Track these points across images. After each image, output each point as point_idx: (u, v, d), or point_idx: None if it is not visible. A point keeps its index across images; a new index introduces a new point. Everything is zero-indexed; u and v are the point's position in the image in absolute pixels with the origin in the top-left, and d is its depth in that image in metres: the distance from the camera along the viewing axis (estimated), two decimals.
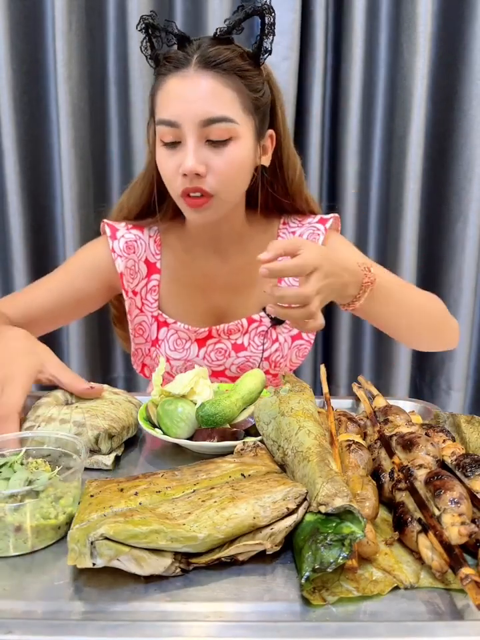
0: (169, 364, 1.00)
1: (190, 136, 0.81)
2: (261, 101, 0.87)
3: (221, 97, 0.81)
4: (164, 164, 0.86)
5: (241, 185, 0.89)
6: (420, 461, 0.56)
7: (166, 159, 0.85)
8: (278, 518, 0.48)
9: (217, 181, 0.83)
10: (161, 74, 0.85)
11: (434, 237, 1.55)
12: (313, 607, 0.43)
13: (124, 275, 0.97)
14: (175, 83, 0.82)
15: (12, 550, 0.50)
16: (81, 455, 0.57)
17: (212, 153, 0.82)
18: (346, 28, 1.40)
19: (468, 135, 1.45)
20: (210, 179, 0.83)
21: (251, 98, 0.84)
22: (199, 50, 0.82)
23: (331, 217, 1.01)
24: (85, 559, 0.44)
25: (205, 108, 0.80)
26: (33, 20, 1.39)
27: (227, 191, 0.86)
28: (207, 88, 0.81)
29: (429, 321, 0.93)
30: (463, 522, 0.46)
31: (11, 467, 0.54)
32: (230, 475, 0.56)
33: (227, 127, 0.81)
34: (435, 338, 0.98)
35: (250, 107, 0.84)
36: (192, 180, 0.82)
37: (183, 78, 0.82)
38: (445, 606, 0.44)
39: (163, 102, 0.84)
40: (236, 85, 0.82)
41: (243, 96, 0.83)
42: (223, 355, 0.99)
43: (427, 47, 1.37)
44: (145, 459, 0.72)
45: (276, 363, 1.02)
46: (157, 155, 0.87)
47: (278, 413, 0.64)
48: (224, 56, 0.81)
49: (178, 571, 0.47)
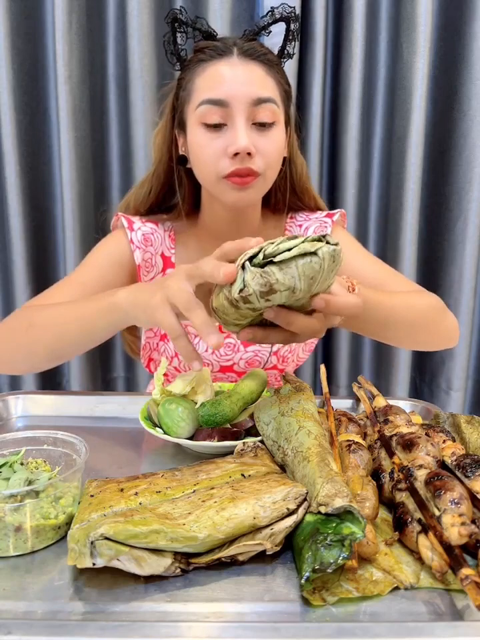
0: (177, 359, 1.00)
1: (240, 115, 0.83)
2: (290, 94, 0.92)
3: (267, 82, 0.85)
4: (206, 147, 0.85)
5: (278, 169, 0.91)
6: (420, 461, 0.56)
7: (209, 141, 0.85)
8: (278, 518, 0.48)
9: (264, 161, 0.85)
10: (201, 60, 0.86)
11: (434, 237, 1.55)
12: (312, 607, 0.43)
13: (141, 267, 0.96)
14: (221, 66, 0.85)
15: (12, 550, 0.50)
16: (81, 455, 0.57)
17: (258, 135, 0.84)
18: (346, 28, 1.40)
19: (468, 135, 1.45)
20: (258, 159, 0.84)
21: (284, 89, 0.90)
22: (235, 44, 0.86)
23: (338, 212, 1.03)
24: (85, 558, 0.44)
25: (254, 89, 0.83)
26: (33, 20, 1.39)
27: (272, 171, 0.88)
28: (254, 72, 0.85)
29: (422, 324, 0.92)
30: (463, 522, 0.46)
31: (11, 467, 0.54)
32: (230, 475, 0.56)
33: (272, 108, 0.85)
34: (430, 338, 0.97)
35: (284, 97, 0.89)
36: (242, 160, 0.83)
37: (228, 63, 0.85)
38: (445, 606, 0.44)
39: (209, 83, 0.85)
40: (274, 74, 0.87)
41: (280, 86, 0.88)
42: (231, 349, 0.99)
43: (426, 47, 1.37)
44: (144, 458, 0.72)
45: (284, 357, 1.02)
46: (196, 138, 0.86)
47: (278, 413, 0.64)
48: (261, 50, 0.86)
49: (178, 571, 0.47)
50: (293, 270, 0.53)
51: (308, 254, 0.53)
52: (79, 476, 0.56)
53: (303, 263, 0.53)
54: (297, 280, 0.54)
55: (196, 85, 0.86)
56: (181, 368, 1.00)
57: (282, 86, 0.89)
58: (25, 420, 0.83)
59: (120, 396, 0.91)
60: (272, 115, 0.85)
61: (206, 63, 0.85)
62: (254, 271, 0.53)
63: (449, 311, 0.97)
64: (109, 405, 0.86)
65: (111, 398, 0.88)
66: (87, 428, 0.79)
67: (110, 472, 0.66)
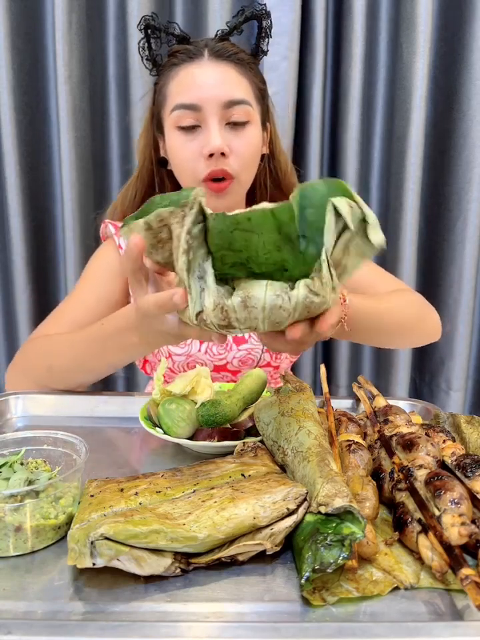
0: (171, 360, 1.00)
1: (212, 118, 0.83)
2: (265, 92, 0.92)
3: (239, 82, 0.86)
4: (181, 149, 0.86)
5: (254, 169, 0.92)
6: (420, 461, 0.56)
7: (184, 144, 0.86)
8: (278, 518, 0.48)
9: (238, 163, 0.86)
10: (173, 64, 0.87)
11: (434, 237, 1.54)
12: (312, 607, 0.43)
13: None
14: (191, 69, 0.85)
15: (12, 550, 0.50)
16: (81, 455, 0.57)
17: (232, 135, 0.85)
18: (346, 28, 1.40)
19: (467, 135, 1.44)
20: (232, 160, 0.85)
21: (258, 87, 0.90)
22: (206, 46, 0.87)
23: None
24: (85, 558, 0.44)
25: (226, 91, 0.84)
26: (33, 20, 1.39)
27: (246, 173, 0.89)
28: (225, 74, 0.85)
29: (410, 324, 0.92)
30: (463, 522, 0.46)
31: (11, 467, 0.54)
32: (230, 475, 0.56)
33: (245, 109, 0.85)
34: (418, 336, 0.97)
35: (258, 96, 0.89)
36: (217, 161, 0.83)
37: (199, 66, 0.85)
38: (445, 606, 0.44)
39: (180, 88, 0.85)
40: (247, 73, 0.87)
41: (253, 85, 0.88)
42: (224, 348, 0.99)
43: (426, 47, 1.37)
44: (145, 458, 0.72)
45: (277, 355, 1.02)
46: (172, 142, 0.87)
47: (278, 413, 0.64)
48: (232, 49, 0.87)
49: (178, 571, 0.47)
50: (257, 311, 0.47)
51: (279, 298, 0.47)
52: (79, 476, 0.56)
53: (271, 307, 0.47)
54: (259, 322, 0.48)
55: (169, 90, 0.87)
56: (175, 369, 1.01)
57: (255, 84, 0.89)
58: (24, 420, 0.83)
59: (120, 396, 0.91)
60: (245, 114, 0.85)
61: (178, 67, 0.86)
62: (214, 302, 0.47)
63: (431, 306, 0.97)
64: (109, 405, 0.86)
65: (110, 398, 0.88)
66: (87, 428, 0.80)
67: (110, 472, 0.65)
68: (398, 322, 0.88)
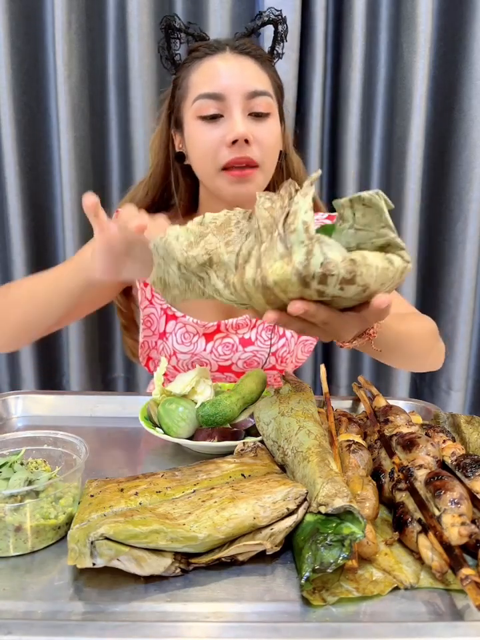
0: (175, 358, 1.00)
1: (236, 107, 0.84)
2: (282, 89, 0.94)
3: (260, 75, 0.88)
4: (203, 137, 0.86)
5: (275, 159, 0.92)
6: (420, 461, 0.56)
7: (205, 132, 0.86)
8: (278, 518, 0.48)
9: (261, 151, 0.86)
10: (195, 58, 0.88)
11: (434, 237, 1.54)
12: (313, 607, 0.43)
13: None
14: (214, 61, 0.87)
15: (12, 550, 0.50)
16: (81, 455, 0.57)
17: (254, 125, 0.85)
18: (346, 28, 1.40)
19: (468, 135, 1.44)
20: (255, 148, 0.85)
21: (277, 83, 0.91)
22: (227, 42, 0.88)
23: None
24: (85, 558, 0.44)
25: (249, 82, 0.85)
26: (32, 20, 1.39)
27: (269, 162, 0.89)
28: (247, 66, 0.87)
29: (421, 349, 0.89)
30: (463, 522, 0.46)
31: (11, 467, 0.54)
32: (230, 475, 0.56)
33: (267, 100, 0.86)
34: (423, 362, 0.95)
35: (277, 91, 0.91)
36: (240, 148, 0.83)
37: (222, 58, 0.87)
38: (445, 606, 0.44)
39: (204, 78, 0.86)
40: (267, 69, 0.89)
41: (272, 80, 0.90)
42: (230, 349, 0.99)
43: (427, 47, 1.37)
44: (145, 458, 0.72)
45: (282, 358, 1.02)
46: (193, 131, 0.87)
47: (278, 413, 0.64)
48: (252, 46, 0.89)
49: (178, 571, 0.47)
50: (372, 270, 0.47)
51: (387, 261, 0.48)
52: (79, 476, 0.56)
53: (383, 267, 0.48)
54: (373, 280, 0.48)
55: (191, 81, 0.88)
56: (180, 367, 1.00)
57: (275, 81, 0.91)
58: (24, 420, 0.83)
59: (120, 396, 0.91)
60: (267, 106, 0.86)
61: (200, 60, 0.88)
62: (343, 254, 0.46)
63: (439, 337, 0.95)
64: (109, 405, 0.86)
65: (110, 398, 0.88)
66: (87, 428, 0.80)
67: (110, 472, 0.66)
68: (414, 346, 0.86)
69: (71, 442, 0.59)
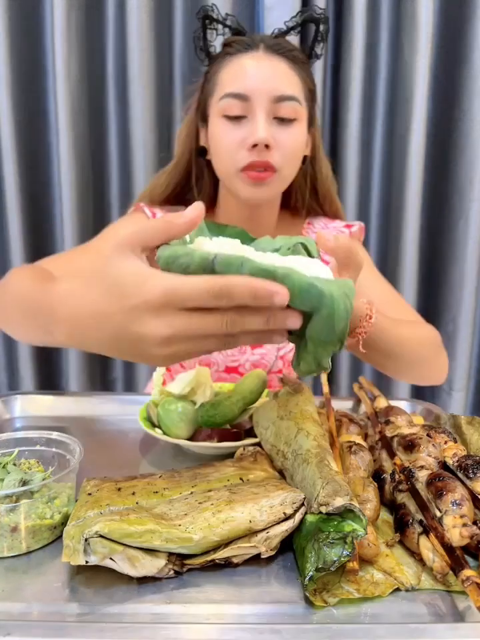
0: None
1: (260, 110, 0.83)
2: (314, 93, 0.92)
3: (291, 78, 0.85)
4: (225, 137, 0.85)
5: (297, 166, 0.91)
6: (421, 462, 0.55)
7: (228, 132, 0.85)
8: (274, 522, 0.48)
9: (282, 156, 0.85)
10: (227, 54, 0.87)
11: (435, 236, 1.54)
12: (313, 608, 0.43)
13: None
14: (246, 60, 0.85)
15: (6, 551, 0.50)
16: (75, 455, 0.56)
17: (278, 129, 0.84)
18: (346, 28, 1.40)
19: (469, 134, 1.44)
20: (276, 153, 0.84)
21: (308, 87, 0.89)
22: (262, 40, 0.86)
23: (357, 224, 1.02)
24: (79, 555, 0.44)
25: (277, 85, 0.83)
26: (32, 18, 1.39)
27: (288, 168, 0.88)
28: (278, 68, 0.85)
29: (421, 358, 0.87)
30: (464, 524, 0.46)
31: (4, 468, 0.54)
32: (228, 479, 0.55)
33: (294, 106, 0.85)
34: (424, 373, 0.92)
35: (307, 95, 0.89)
36: (260, 152, 0.82)
37: (253, 57, 0.85)
38: (446, 608, 0.44)
39: (233, 77, 0.85)
40: (299, 71, 0.87)
41: (304, 83, 0.88)
42: (238, 350, 0.99)
43: (427, 46, 1.37)
44: (144, 458, 0.72)
45: (289, 362, 1.01)
46: (217, 129, 0.87)
47: (277, 417, 0.63)
48: (288, 46, 0.87)
49: (171, 573, 0.46)
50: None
51: None
52: (73, 476, 0.55)
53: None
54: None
55: (220, 78, 0.87)
56: (186, 363, 1.00)
57: (307, 84, 0.88)
58: (23, 420, 0.83)
59: (119, 396, 0.91)
60: (293, 112, 0.85)
61: (231, 56, 0.86)
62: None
63: (443, 347, 0.93)
64: (109, 405, 0.85)
65: (110, 398, 0.87)
66: (86, 428, 0.79)
67: (109, 472, 0.65)
68: (411, 352, 0.83)
69: (65, 442, 0.59)
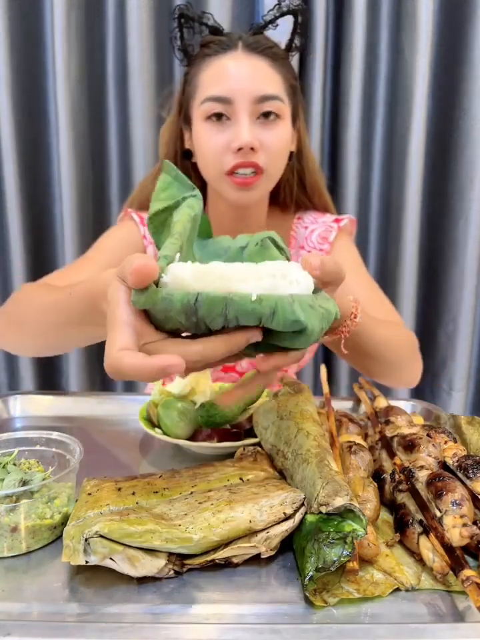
0: None
1: (243, 112, 0.82)
2: (296, 88, 0.91)
3: (272, 77, 0.85)
4: (210, 141, 0.85)
5: (283, 165, 0.90)
6: (421, 462, 0.55)
7: (212, 136, 0.84)
8: (274, 522, 0.48)
9: (268, 157, 0.84)
10: (205, 55, 0.86)
11: (435, 235, 1.54)
12: (313, 608, 0.43)
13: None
14: (225, 61, 0.84)
15: (6, 551, 0.50)
16: (75, 455, 0.56)
17: (261, 129, 0.84)
18: (346, 27, 1.40)
19: (469, 134, 1.44)
20: (262, 154, 0.84)
21: (290, 83, 0.88)
22: (240, 38, 0.85)
23: (346, 218, 1.02)
24: (79, 555, 0.44)
25: (258, 86, 0.83)
26: (32, 18, 1.39)
27: (275, 168, 0.87)
28: (258, 67, 0.84)
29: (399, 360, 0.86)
30: (464, 524, 0.46)
31: (4, 468, 0.54)
32: (228, 479, 0.55)
33: (277, 105, 0.84)
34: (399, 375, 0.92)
35: (289, 91, 0.88)
36: (245, 155, 0.82)
37: (232, 58, 0.84)
38: (446, 608, 0.44)
39: (213, 80, 0.84)
40: (280, 69, 0.86)
41: (285, 80, 0.87)
42: None
43: (427, 45, 1.37)
44: (144, 459, 0.72)
45: None
46: (200, 133, 0.86)
47: (277, 417, 0.63)
48: (267, 43, 0.86)
49: (171, 573, 0.46)
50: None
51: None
52: (73, 476, 0.55)
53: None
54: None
55: (200, 80, 0.86)
56: None
57: (288, 81, 0.88)
58: (23, 420, 0.83)
59: (119, 396, 0.91)
60: (276, 110, 0.84)
61: (210, 58, 0.85)
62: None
63: (419, 352, 0.93)
64: (109, 405, 0.85)
65: (110, 398, 0.87)
66: (86, 428, 0.79)
67: (109, 472, 0.65)
68: (391, 353, 0.82)
69: (65, 442, 0.59)
